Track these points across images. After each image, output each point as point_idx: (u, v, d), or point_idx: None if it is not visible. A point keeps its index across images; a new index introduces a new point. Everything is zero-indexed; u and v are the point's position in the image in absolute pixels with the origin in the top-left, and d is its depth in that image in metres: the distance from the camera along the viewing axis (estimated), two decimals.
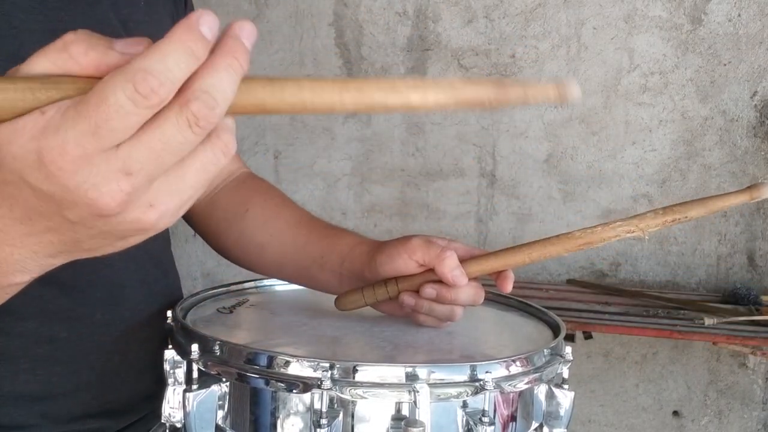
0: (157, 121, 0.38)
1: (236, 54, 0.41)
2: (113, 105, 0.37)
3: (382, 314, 0.91)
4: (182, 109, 0.38)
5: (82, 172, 0.38)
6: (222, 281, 1.01)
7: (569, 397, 0.73)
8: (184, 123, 0.39)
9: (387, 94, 0.46)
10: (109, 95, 0.37)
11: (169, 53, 0.37)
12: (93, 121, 0.37)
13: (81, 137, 0.37)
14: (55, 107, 0.38)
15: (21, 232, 0.42)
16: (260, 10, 2.42)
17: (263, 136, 2.45)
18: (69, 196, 0.39)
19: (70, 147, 0.37)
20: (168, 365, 0.74)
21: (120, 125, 0.37)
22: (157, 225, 0.42)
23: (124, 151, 0.38)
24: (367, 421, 0.67)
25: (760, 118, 2.02)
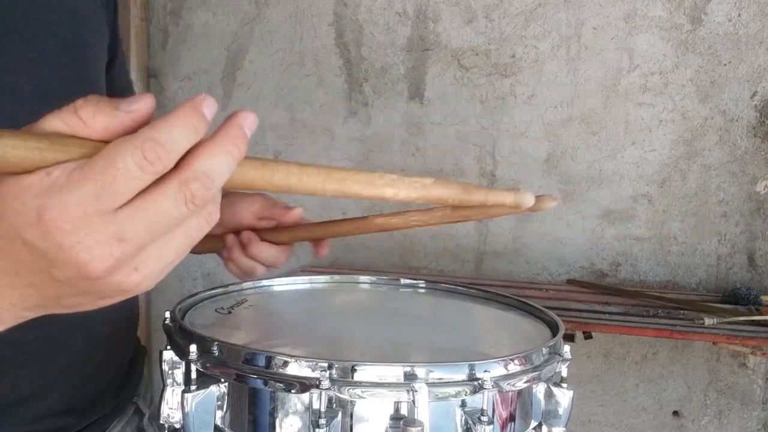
0: (156, 193, 0.40)
1: (237, 141, 0.43)
2: (121, 168, 0.39)
3: (382, 314, 0.91)
4: (182, 186, 0.41)
5: (78, 233, 0.39)
6: (222, 282, 1.01)
7: (568, 395, 0.73)
8: (182, 199, 0.41)
9: (364, 187, 0.54)
10: (118, 159, 0.39)
11: (175, 127, 0.40)
12: (98, 183, 0.38)
13: (84, 198, 0.39)
14: (61, 168, 0.39)
15: (3, 284, 0.43)
16: (260, 10, 2.42)
17: (263, 136, 2.45)
18: (61, 255, 0.40)
19: (72, 207, 0.38)
20: (166, 366, 0.74)
21: (123, 188, 0.39)
22: (138, 287, 0.43)
23: (121, 217, 0.40)
24: (365, 421, 0.67)
25: (760, 118, 2.02)
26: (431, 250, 2.31)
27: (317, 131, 2.40)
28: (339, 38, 2.36)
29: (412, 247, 2.33)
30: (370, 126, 2.34)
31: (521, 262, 2.24)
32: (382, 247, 2.34)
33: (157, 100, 1.61)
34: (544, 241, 2.22)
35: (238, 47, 2.46)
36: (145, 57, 2.54)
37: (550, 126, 2.18)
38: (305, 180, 0.52)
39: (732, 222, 2.06)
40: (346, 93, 2.36)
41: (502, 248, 2.25)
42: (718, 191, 2.06)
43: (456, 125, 2.26)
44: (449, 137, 2.27)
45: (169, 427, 0.73)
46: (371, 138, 2.35)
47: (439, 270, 2.31)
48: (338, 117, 2.38)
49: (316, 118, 2.40)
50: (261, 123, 1.98)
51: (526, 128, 2.20)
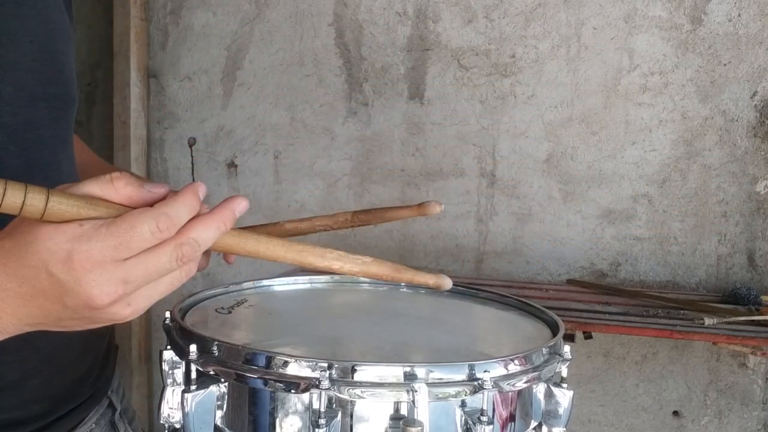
0: (157, 251, 0.54)
1: (226, 221, 0.58)
2: (138, 233, 0.53)
3: (382, 314, 0.91)
4: (176, 248, 0.55)
5: (95, 272, 0.52)
6: (221, 281, 1.01)
7: (568, 395, 0.73)
8: (175, 257, 0.55)
9: (317, 259, 0.68)
10: (137, 225, 0.53)
11: (182, 205, 0.55)
12: (118, 240, 0.52)
13: (105, 249, 0.52)
14: (91, 223, 0.53)
15: (17, 305, 0.55)
16: (260, 10, 2.42)
17: (263, 136, 2.45)
18: (76, 288, 0.53)
19: (94, 253, 0.52)
20: (166, 366, 0.74)
21: (136, 246, 0.53)
22: (126, 318, 0.57)
23: (128, 265, 0.53)
24: (365, 421, 0.67)
25: (760, 118, 2.02)
26: (431, 250, 2.32)
27: (317, 131, 2.40)
28: (339, 38, 2.36)
29: (412, 247, 2.33)
30: (370, 126, 2.35)
31: (521, 262, 2.24)
32: (382, 247, 2.34)
33: (157, 100, 1.64)
34: (544, 241, 2.22)
35: (238, 47, 2.46)
36: (145, 57, 2.54)
37: (550, 126, 2.18)
38: (271, 249, 0.64)
39: (732, 222, 2.06)
40: (346, 93, 2.36)
41: (502, 248, 2.26)
42: (718, 191, 2.06)
43: (456, 125, 2.26)
44: (449, 137, 2.27)
45: (169, 427, 0.73)
46: (371, 138, 2.35)
47: (439, 270, 2.31)
48: (338, 117, 2.38)
49: (316, 118, 2.40)
50: (261, 123, 2.00)
51: (526, 128, 2.20)
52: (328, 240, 2.15)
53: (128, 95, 2.47)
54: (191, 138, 2.52)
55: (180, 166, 2.55)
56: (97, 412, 0.93)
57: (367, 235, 2.34)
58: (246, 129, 2.47)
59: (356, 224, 0.86)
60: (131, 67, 2.47)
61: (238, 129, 2.49)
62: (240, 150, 2.49)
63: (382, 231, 2.34)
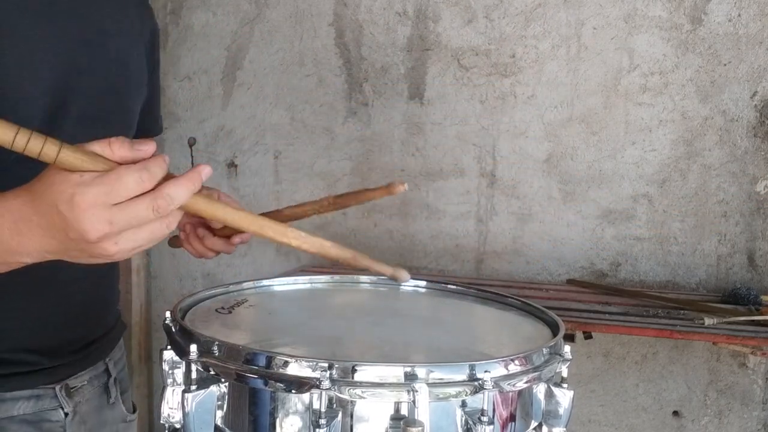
0: (138, 201, 0.66)
1: (194, 181, 0.69)
2: (124, 182, 0.65)
3: (382, 314, 0.90)
4: (153, 200, 0.66)
5: (88, 211, 0.65)
6: (222, 281, 1.01)
7: (568, 396, 0.73)
8: (151, 208, 0.66)
9: (277, 234, 0.76)
10: (123, 176, 0.65)
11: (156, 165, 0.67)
12: (109, 187, 0.65)
13: (98, 193, 0.65)
14: (90, 175, 0.66)
15: (39, 234, 0.69)
16: (260, 10, 2.42)
17: (263, 136, 2.45)
18: (75, 224, 0.65)
19: (89, 197, 0.65)
20: (167, 366, 0.74)
21: (122, 193, 0.65)
22: (114, 256, 0.68)
23: (114, 210, 0.65)
24: (366, 421, 0.67)
25: (760, 118, 2.02)
26: (431, 250, 2.32)
27: (317, 131, 2.40)
28: (339, 38, 2.36)
29: (412, 247, 2.33)
30: (370, 126, 2.34)
31: (521, 262, 2.24)
32: (382, 247, 2.34)
33: None
34: (544, 241, 2.22)
35: (238, 47, 2.46)
36: None
37: (550, 126, 2.18)
38: (236, 219, 0.75)
39: (732, 222, 2.06)
40: (346, 93, 2.36)
41: (502, 248, 2.26)
42: (718, 191, 2.06)
43: (456, 125, 2.26)
44: (449, 137, 2.27)
45: (169, 427, 0.73)
46: (371, 138, 2.35)
47: (439, 270, 2.31)
48: (338, 117, 2.38)
49: (316, 118, 2.40)
50: (261, 123, 2.00)
51: (526, 128, 2.20)
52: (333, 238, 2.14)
53: None
54: (191, 138, 2.51)
55: (180, 166, 2.55)
56: (90, 372, 1.05)
57: (367, 235, 2.34)
58: (246, 129, 2.47)
59: (337, 207, 0.98)
60: None
61: (238, 129, 2.48)
62: (240, 150, 2.49)
63: (382, 231, 2.34)
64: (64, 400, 0.99)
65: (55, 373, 0.98)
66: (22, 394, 0.95)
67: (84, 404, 1.03)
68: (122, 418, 1.13)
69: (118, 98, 1.03)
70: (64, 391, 0.99)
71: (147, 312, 2.55)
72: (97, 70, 0.97)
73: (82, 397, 1.03)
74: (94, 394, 1.06)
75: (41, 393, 0.97)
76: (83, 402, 1.03)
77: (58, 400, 0.98)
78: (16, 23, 0.88)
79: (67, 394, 1.00)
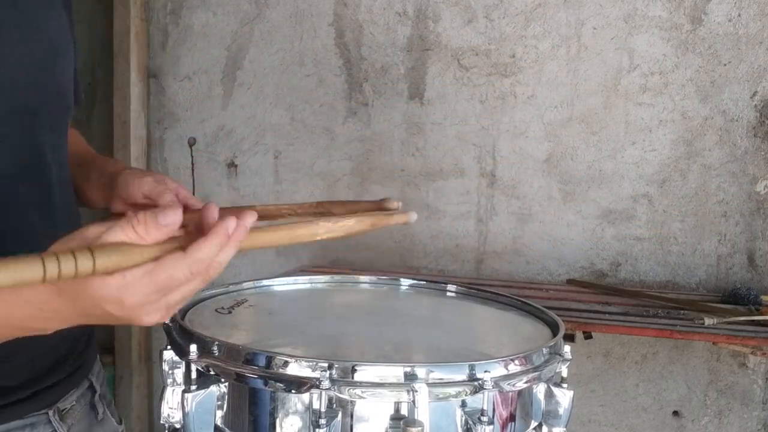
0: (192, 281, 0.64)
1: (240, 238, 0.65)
2: (176, 279, 0.62)
3: (382, 314, 0.90)
4: (206, 271, 0.64)
5: (144, 308, 0.63)
6: (222, 281, 1.01)
7: (568, 395, 0.73)
8: (203, 281, 0.64)
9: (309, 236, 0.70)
10: (174, 274, 0.62)
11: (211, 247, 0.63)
12: (160, 286, 0.62)
13: (150, 293, 0.62)
14: (131, 273, 0.61)
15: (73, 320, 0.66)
16: (260, 10, 2.42)
17: (263, 136, 2.45)
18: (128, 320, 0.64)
19: (141, 297, 0.62)
20: (166, 366, 0.74)
21: (174, 287, 0.63)
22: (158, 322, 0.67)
23: (170, 297, 0.64)
24: (365, 421, 0.67)
25: (760, 118, 2.02)
26: (431, 250, 2.31)
27: (317, 131, 2.40)
28: (339, 38, 2.36)
29: (412, 247, 2.33)
30: (370, 126, 2.34)
31: (521, 262, 2.24)
32: (382, 247, 2.34)
33: (157, 100, 1.64)
34: (544, 241, 2.22)
35: (238, 47, 2.46)
36: (145, 57, 2.54)
37: (550, 126, 2.18)
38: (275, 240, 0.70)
39: (732, 222, 2.06)
40: (346, 93, 2.36)
41: (502, 248, 2.25)
42: (718, 191, 2.06)
43: (456, 125, 2.26)
44: (449, 137, 2.27)
45: (169, 427, 0.73)
46: (371, 138, 2.35)
47: (439, 270, 2.31)
48: (338, 117, 2.37)
49: (316, 118, 2.40)
50: (261, 123, 2.00)
51: (526, 128, 2.20)
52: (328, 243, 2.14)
53: (128, 95, 2.46)
54: (191, 138, 2.52)
55: (180, 166, 2.55)
56: (77, 391, 1.01)
57: (367, 235, 2.33)
58: (246, 129, 2.47)
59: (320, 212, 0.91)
60: (131, 67, 2.47)
61: (238, 129, 2.48)
62: (240, 150, 2.49)
63: (382, 231, 2.34)
64: (59, 425, 0.96)
65: (46, 397, 0.95)
66: (16, 425, 0.91)
67: (76, 425, 1.00)
68: (113, 431, 1.10)
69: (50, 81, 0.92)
70: (57, 415, 0.96)
71: None
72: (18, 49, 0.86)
73: (73, 419, 1.00)
74: (83, 413, 1.03)
75: (35, 420, 0.93)
76: (75, 423, 1.00)
77: (52, 425, 0.95)
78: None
79: (60, 418, 0.96)
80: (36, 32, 0.89)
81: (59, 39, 0.95)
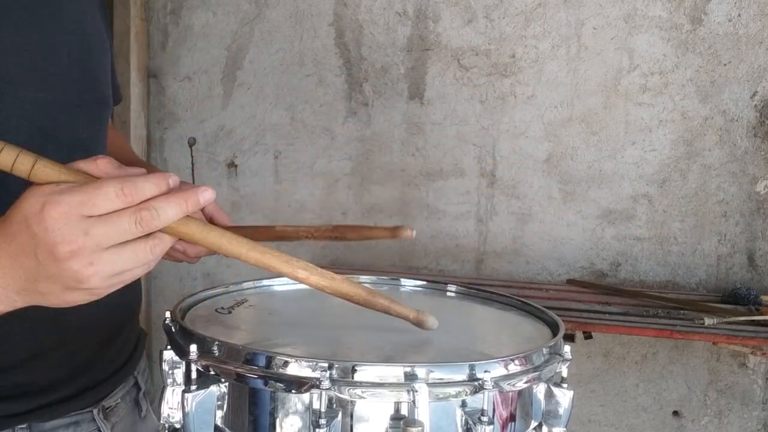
0: (119, 213, 0.59)
1: (188, 200, 0.61)
2: (104, 191, 0.58)
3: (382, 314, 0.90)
4: (136, 211, 0.59)
5: (59, 222, 0.57)
6: (222, 281, 1.01)
7: (568, 396, 0.73)
8: (134, 220, 0.59)
9: (281, 264, 0.66)
10: (104, 185, 0.58)
11: (147, 180, 0.60)
12: (86, 196, 0.58)
13: (72, 202, 0.57)
14: (66, 184, 0.59)
15: (6, 266, 0.61)
16: (260, 10, 2.42)
17: (263, 136, 2.45)
18: (43, 237, 0.57)
19: (62, 206, 0.57)
20: (166, 366, 0.74)
21: (100, 204, 0.58)
22: (90, 280, 0.59)
23: (91, 221, 0.58)
24: (366, 421, 0.67)
25: (760, 118, 2.02)
26: (431, 250, 2.31)
27: (317, 131, 2.40)
28: (339, 38, 2.36)
29: (412, 247, 2.33)
30: (370, 126, 2.34)
31: (521, 262, 2.24)
32: (382, 247, 2.34)
33: (157, 100, 1.64)
34: (544, 241, 2.22)
35: (238, 47, 2.46)
36: (145, 57, 2.54)
37: (550, 126, 2.18)
38: (233, 245, 0.65)
39: (732, 222, 2.06)
40: (346, 93, 2.36)
41: (502, 248, 2.25)
42: (718, 191, 2.06)
43: (456, 125, 2.26)
44: (449, 137, 2.27)
45: (169, 427, 0.73)
46: (371, 138, 2.35)
47: (439, 270, 2.31)
48: (338, 117, 2.37)
49: (316, 118, 2.40)
50: (261, 123, 1.99)
51: (526, 128, 2.20)
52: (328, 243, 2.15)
53: (128, 95, 2.46)
54: (191, 138, 2.52)
55: (180, 166, 2.55)
56: (123, 388, 1.01)
57: None
58: (246, 129, 2.47)
59: (335, 236, 0.91)
60: (131, 67, 2.47)
61: (238, 129, 2.48)
62: (240, 150, 2.49)
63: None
64: (102, 423, 0.96)
65: (91, 396, 0.95)
66: (61, 423, 0.91)
67: (120, 423, 1.00)
68: (155, 428, 1.09)
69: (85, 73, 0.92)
70: (101, 413, 0.96)
71: (147, 312, 2.55)
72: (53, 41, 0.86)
73: (117, 417, 0.99)
74: (127, 411, 1.02)
75: (79, 419, 0.93)
76: (119, 421, 1.00)
77: (96, 423, 0.95)
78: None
79: (104, 416, 0.96)
80: (71, 26, 0.90)
81: (94, 34, 0.95)
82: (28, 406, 0.86)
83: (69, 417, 0.91)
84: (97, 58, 0.95)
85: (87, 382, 0.93)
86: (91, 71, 0.93)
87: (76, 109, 0.89)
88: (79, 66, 0.90)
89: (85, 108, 0.91)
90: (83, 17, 0.92)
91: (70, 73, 0.88)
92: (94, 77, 0.94)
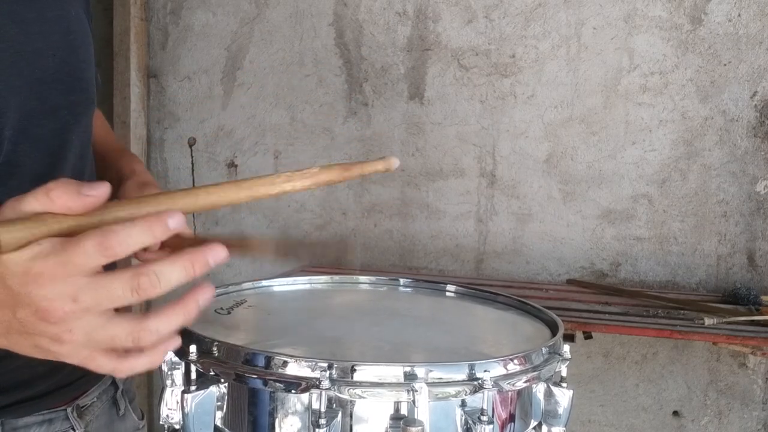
0: (112, 275, 0.52)
1: (196, 266, 0.55)
2: (81, 251, 0.51)
3: (382, 314, 0.90)
4: (134, 276, 0.52)
5: (46, 287, 0.52)
6: (221, 281, 1.01)
7: (568, 395, 0.73)
8: (128, 286, 0.52)
9: (268, 187, 0.64)
10: (83, 242, 0.51)
11: (135, 226, 0.52)
12: (67, 257, 0.51)
13: (56, 265, 0.51)
14: (48, 241, 0.52)
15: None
16: (260, 10, 2.42)
17: (263, 136, 2.45)
18: (27, 300, 0.52)
19: (47, 270, 0.51)
20: (166, 366, 0.74)
21: (80, 262, 0.51)
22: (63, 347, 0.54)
23: (80, 284, 0.52)
24: (365, 421, 0.67)
25: (760, 118, 2.02)
26: (431, 250, 2.31)
27: (317, 131, 2.40)
28: (339, 38, 2.36)
29: (412, 247, 2.33)
30: (370, 126, 2.34)
31: (521, 262, 2.24)
32: (382, 247, 2.34)
33: (157, 100, 1.63)
34: (544, 241, 2.22)
35: (238, 47, 2.46)
36: (145, 57, 2.54)
37: (550, 126, 2.18)
38: (224, 195, 0.61)
39: (732, 222, 2.06)
40: (346, 93, 2.36)
41: (502, 248, 2.25)
42: (718, 191, 2.06)
43: (456, 125, 2.26)
44: (449, 137, 2.27)
45: (168, 427, 0.73)
46: (371, 138, 2.35)
47: (439, 270, 2.31)
48: (338, 117, 2.38)
49: (316, 118, 2.40)
50: (261, 123, 1.99)
51: (526, 128, 2.20)
52: (332, 237, 2.15)
53: (128, 95, 2.47)
54: (191, 138, 2.52)
55: (180, 166, 2.55)
56: (99, 387, 1.00)
57: (367, 236, 2.34)
58: (246, 129, 2.47)
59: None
60: (131, 67, 2.47)
61: (238, 129, 2.48)
62: (240, 150, 2.49)
63: (382, 231, 2.34)
64: (76, 422, 0.95)
65: (65, 393, 0.94)
66: (34, 420, 0.91)
67: (95, 422, 1.00)
68: (134, 427, 1.10)
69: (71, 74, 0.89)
70: (75, 411, 0.96)
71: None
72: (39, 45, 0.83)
73: (92, 415, 0.99)
74: (103, 409, 1.03)
75: (53, 416, 0.93)
76: (94, 420, 1.00)
77: (69, 421, 0.94)
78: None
79: (78, 415, 0.96)
80: (55, 27, 0.87)
81: (78, 33, 0.93)
82: (1, 402, 0.87)
83: (42, 414, 0.91)
84: (82, 56, 0.93)
85: (61, 380, 0.93)
86: (77, 70, 0.91)
87: (63, 112, 0.88)
88: (64, 67, 0.88)
89: (72, 110, 0.90)
90: (66, 15, 0.90)
91: (56, 77, 0.86)
92: (80, 77, 0.92)
